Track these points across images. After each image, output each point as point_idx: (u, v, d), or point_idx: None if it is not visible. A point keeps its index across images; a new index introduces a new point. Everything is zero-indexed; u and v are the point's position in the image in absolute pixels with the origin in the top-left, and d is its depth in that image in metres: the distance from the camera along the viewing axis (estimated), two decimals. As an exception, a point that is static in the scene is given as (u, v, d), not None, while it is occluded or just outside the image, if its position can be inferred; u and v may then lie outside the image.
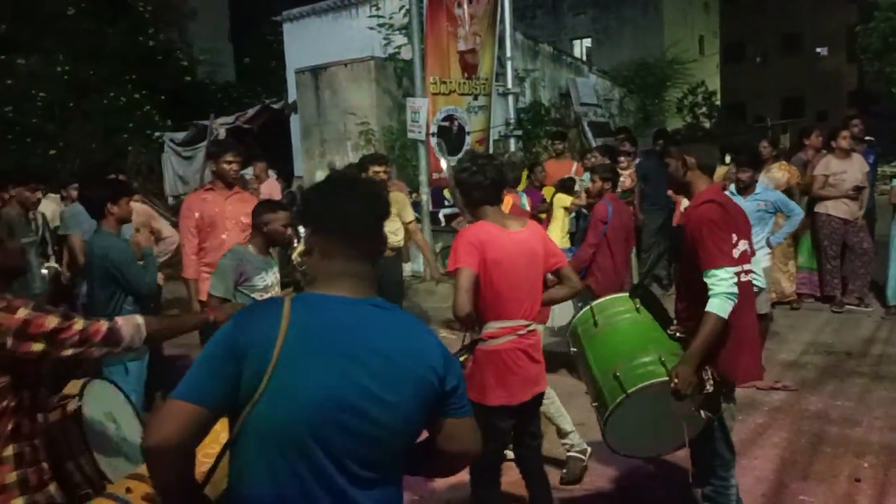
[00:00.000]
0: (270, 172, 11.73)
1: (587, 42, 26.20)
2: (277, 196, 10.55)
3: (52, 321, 2.26)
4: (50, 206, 6.74)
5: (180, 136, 15.24)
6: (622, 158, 8.30)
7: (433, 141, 9.32)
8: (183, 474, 1.66)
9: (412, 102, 9.27)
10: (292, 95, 13.15)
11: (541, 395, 3.44)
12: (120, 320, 2.48)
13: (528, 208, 6.29)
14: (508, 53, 10.30)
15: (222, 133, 14.36)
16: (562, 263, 3.44)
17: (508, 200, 5.18)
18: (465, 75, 9.77)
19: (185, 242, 4.91)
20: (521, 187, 8.43)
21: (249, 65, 19.58)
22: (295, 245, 6.32)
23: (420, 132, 9.16)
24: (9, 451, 2.29)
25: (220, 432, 1.68)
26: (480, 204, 3.32)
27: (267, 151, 13.07)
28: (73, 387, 2.71)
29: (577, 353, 3.62)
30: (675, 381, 2.98)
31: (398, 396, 1.66)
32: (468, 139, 9.70)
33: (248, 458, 1.63)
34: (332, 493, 1.63)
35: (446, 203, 10.28)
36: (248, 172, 11.56)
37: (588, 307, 3.62)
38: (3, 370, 2.25)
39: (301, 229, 10.09)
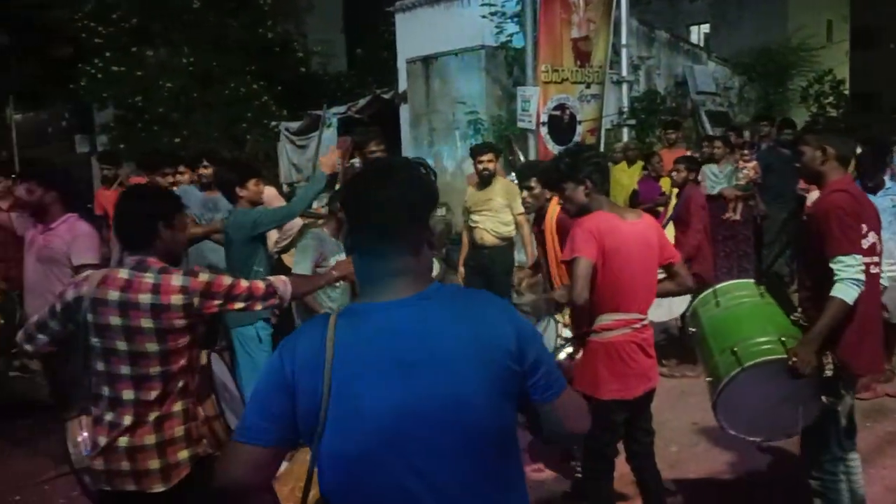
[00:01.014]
0: (380, 161, 11.95)
1: (705, 28, 25.18)
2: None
3: (226, 280, 2.66)
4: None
5: (295, 125, 15.71)
6: (745, 151, 7.93)
7: (543, 130, 9.19)
8: None
9: (523, 91, 9.17)
10: (402, 85, 13.29)
11: (653, 391, 3.37)
12: (272, 279, 2.87)
13: None
14: (624, 40, 10.04)
15: (335, 122, 14.73)
16: (675, 258, 3.36)
17: None
18: (578, 63, 9.56)
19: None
20: (637, 178, 8.21)
21: (361, 56, 19.95)
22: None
23: (530, 121, 9.06)
24: (178, 406, 2.61)
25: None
26: (598, 192, 3.26)
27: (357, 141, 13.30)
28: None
29: (694, 334, 3.68)
30: (794, 359, 3.00)
31: (471, 391, 1.50)
32: (579, 128, 9.51)
33: (332, 483, 1.53)
34: None
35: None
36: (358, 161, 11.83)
37: (711, 290, 3.69)
38: (187, 330, 2.59)
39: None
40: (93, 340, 2.57)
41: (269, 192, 5.61)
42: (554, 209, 4.35)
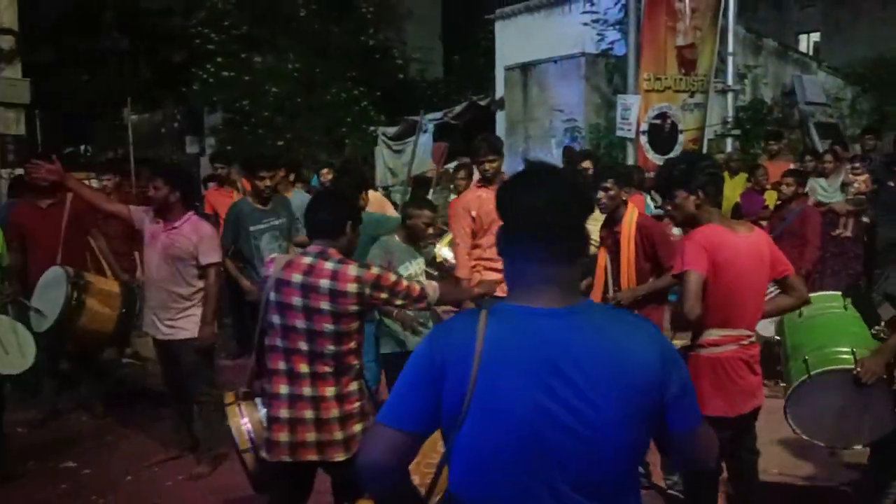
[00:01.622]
0: (474, 168, 12.03)
1: (815, 37, 24.15)
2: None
3: (392, 276, 3.01)
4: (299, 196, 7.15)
5: (392, 130, 16.02)
6: (857, 164, 7.58)
7: (643, 139, 9.06)
8: (395, 491, 1.65)
9: (623, 99, 9.08)
10: (499, 92, 13.35)
11: (758, 409, 3.30)
12: (424, 282, 3.27)
13: (652, 211, 6.25)
14: (730, 48, 9.81)
15: (431, 128, 14.95)
16: (789, 271, 3.25)
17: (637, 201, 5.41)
18: (682, 71, 9.40)
19: (460, 241, 4.93)
20: (740, 190, 7.97)
21: (458, 62, 20.15)
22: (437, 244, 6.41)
23: (630, 130, 8.95)
24: (354, 386, 2.98)
25: (438, 440, 1.66)
26: (710, 204, 3.20)
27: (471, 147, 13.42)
28: None
29: (779, 341, 3.89)
30: (859, 369, 3.07)
31: (608, 411, 1.49)
32: (681, 138, 9.33)
33: (461, 478, 1.58)
34: None
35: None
36: (452, 166, 11.96)
37: None
38: (357, 316, 2.93)
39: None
40: (273, 318, 2.90)
41: (375, 197, 5.74)
42: (633, 213, 4.30)
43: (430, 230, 4.46)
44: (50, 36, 14.57)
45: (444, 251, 6.14)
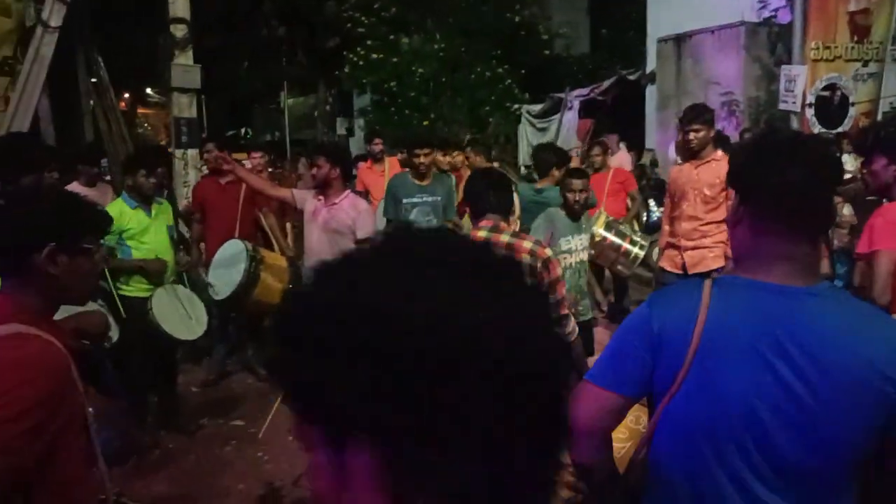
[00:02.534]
0: (621, 144, 11.70)
1: None
2: (628, 168, 10.50)
3: (559, 271, 3.20)
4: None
5: (536, 108, 15.87)
6: None
7: (809, 112, 8.46)
8: (599, 455, 1.63)
9: (788, 70, 8.50)
10: (650, 66, 12.87)
11: None
12: (570, 317, 3.36)
13: None
14: (912, 11, 8.88)
15: (577, 105, 14.67)
16: None
17: None
18: (855, 39, 8.69)
19: (664, 210, 5.27)
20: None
21: (606, 36, 19.59)
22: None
23: (795, 103, 8.38)
24: None
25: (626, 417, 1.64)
26: None
27: (619, 123, 13.06)
28: None
29: None
30: None
31: (828, 402, 1.38)
32: (852, 111, 8.63)
33: (664, 450, 1.54)
34: (749, 501, 1.44)
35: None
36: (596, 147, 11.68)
37: None
38: None
39: (651, 203, 9.95)
40: None
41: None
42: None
43: (581, 197, 4.49)
44: (216, 25, 15.52)
45: (601, 231, 6.08)
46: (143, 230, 4.67)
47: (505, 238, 3.09)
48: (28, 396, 1.57)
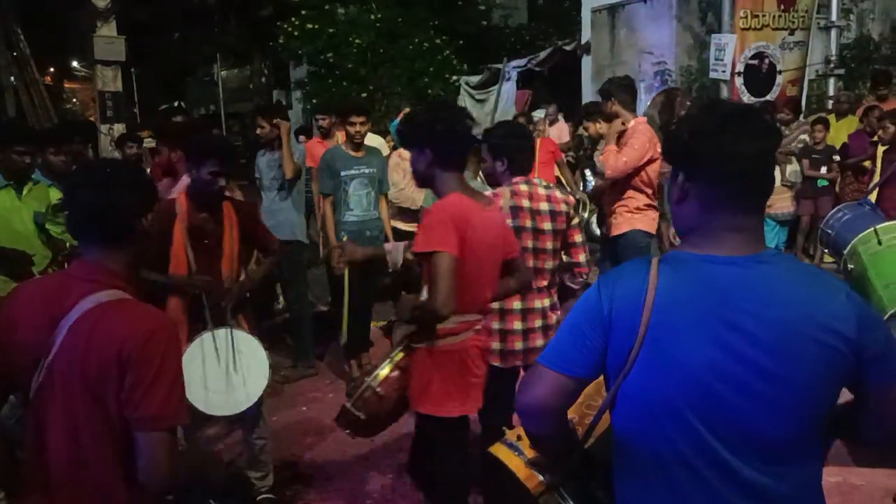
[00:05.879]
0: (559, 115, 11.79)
1: (932, -35, 22.27)
2: (566, 138, 10.58)
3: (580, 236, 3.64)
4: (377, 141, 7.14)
5: (475, 79, 15.83)
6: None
7: (738, 81, 8.65)
8: (553, 432, 1.64)
9: (718, 39, 8.66)
10: (585, 36, 12.96)
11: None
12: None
13: None
14: (835, -20, 9.14)
15: (514, 76, 14.69)
16: (517, 252, 3.01)
17: None
18: (782, 7, 8.88)
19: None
20: (850, 131, 7.56)
21: (542, 7, 19.62)
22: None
23: (725, 71, 8.56)
24: (555, 297, 3.56)
25: (602, 384, 1.63)
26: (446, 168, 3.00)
27: (557, 93, 13.14)
28: None
29: (855, 271, 4.07)
30: None
31: (790, 369, 1.40)
32: (779, 79, 8.85)
33: (626, 425, 1.54)
34: (720, 471, 1.45)
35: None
36: (539, 114, 11.74)
37: (872, 229, 4.10)
38: (561, 235, 3.52)
39: (587, 173, 10.07)
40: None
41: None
42: None
43: None
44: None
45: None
46: (6, 213, 3.90)
47: (542, 190, 3.39)
48: (177, 354, 1.86)
